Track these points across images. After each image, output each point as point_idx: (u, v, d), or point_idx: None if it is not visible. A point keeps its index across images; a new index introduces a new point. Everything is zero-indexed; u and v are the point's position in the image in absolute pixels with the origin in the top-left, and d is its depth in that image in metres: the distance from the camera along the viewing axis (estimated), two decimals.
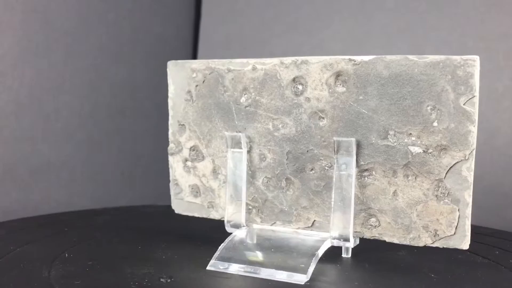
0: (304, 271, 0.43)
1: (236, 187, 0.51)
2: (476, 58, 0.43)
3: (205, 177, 0.54)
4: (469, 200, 0.44)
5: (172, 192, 0.56)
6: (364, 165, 0.47)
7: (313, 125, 0.49)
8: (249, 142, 0.51)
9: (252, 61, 0.51)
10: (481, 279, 0.45)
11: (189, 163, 0.55)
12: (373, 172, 0.47)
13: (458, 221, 0.45)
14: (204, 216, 0.55)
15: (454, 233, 0.45)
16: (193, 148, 0.55)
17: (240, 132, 0.52)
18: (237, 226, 0.52)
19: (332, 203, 0.48)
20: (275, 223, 0.51)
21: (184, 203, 0.55)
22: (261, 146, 0.51)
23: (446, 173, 0.45)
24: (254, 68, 0.50)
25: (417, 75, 0.44)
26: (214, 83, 0.53)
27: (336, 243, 0.48)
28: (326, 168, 0.49)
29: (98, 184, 0.83)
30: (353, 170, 0.47)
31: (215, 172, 0.54)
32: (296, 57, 0.49)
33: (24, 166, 0.73)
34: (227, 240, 0.48)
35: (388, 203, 0.47)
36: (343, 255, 0.50)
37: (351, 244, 0.47)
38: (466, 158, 0.44)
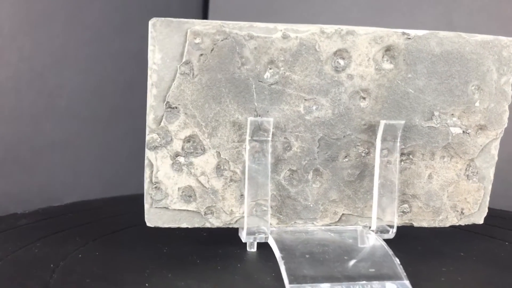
0: (401, 277, 0.40)
1: (257, 184, 0.44)
2: None
3: (204, 176, 0.44)
4: (492, 177, 0.49)
5: (148, 200, 0.44)
6: (404, 148, 0.46)
7: (353, 107, 0.45)
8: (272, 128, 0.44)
9: (281, 26, 0.43)
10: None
11: (181, 159, 0.44)
12: (411, 156, 0.47)
13: (482, 198, 0.49)
14: (197, 225, 0.45)
15: (477, 210, 0.50)
16: (189, 139, 0.43)
17: (259, 115, 0.44)
18: (253, 232, 0.45)
19: (375, 192, 0.46)
20: (295, 222, 0.46)
21: (167, 212, 0.44)
22: (287, 133, 0.44)
23: (478, 152, 0.48)
24: (285, 36, 0.43)
25: (468, 54, 0.45)
26: (227, 53, 0.42)
27: (378, 235, 0.47)
28: (363, 154, 0.46)
29: (105, 164, 0.80)
30: (397, 156, 0.46)
31: (219, 168, 0.44)
32: (340, 26, 0.43)
33: (26, 146, 0.71)
34: (279, 255, 0.41)
35: (422, 187, 0.48)
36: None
37: (392, 235, 0.47)
38: (497, 136, 0.48)
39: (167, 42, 0.42)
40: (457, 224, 0.50)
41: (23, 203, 0.69)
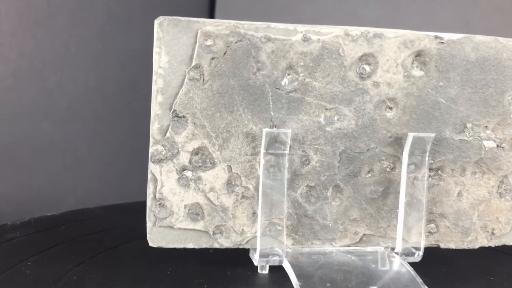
0: None
1: (271, 201, 0.39)
2: None
3: (214, 192, 0.40)
4: None
5: (151, 218, 0.40)
6: (433, 164, 0.42)
7: (379, 117, 0.41)
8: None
9: (302, 28, 0.38)
10: None
11: (188, 173, 0.39)
12: (439, 172, 0.43)
13: None
14: (205, 246, 0.41)
15: (510, 230, 0.46)
16: (197, 151, 0.39)
17: (276, 126, 0.39)
18: (267, 254, 0.40)
19: (401, 211, 0.42)
20: (311, 243, 0.42)
21: (172, 232, 0.40)
22: (306, 145, 0.40)
23: None
24: (306, 39, 0.38)
25: (505, 61, 0.41)
26: (242, 57, 0.38)
27: (402, 258, 0.43)
28: (388, 170, 0.42)
29: (106, 166, 0.77)
30: (426, 171, 0.41)
31: (230, 184, 0.40)
32: (367, 28, 0.39)
33: (25, 146, 0.69)
34: (296, 283, 0.37)
35: (451, 205, 0.44)
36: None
37: (418, 258, 0.43)
38: None
39: (175, 44, 0.37)
40: (487, 246, 0.46)
41: (21, 206, 0.67)
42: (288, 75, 0.39)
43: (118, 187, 0.80)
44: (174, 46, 0.37)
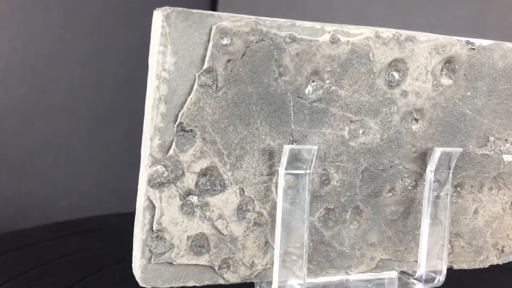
0: None
1: (290, 228, 0.33)
2: None
3: (222, 220, 0.33)
4: None
5: (145, 254, 0.32)
6: (454, 180, 0.38)
7: (405, 130, 0.36)
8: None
9: (329, 27, 0.32)
10: None
11: (194, 199, 0.32)
12: (459, 189, 0.39)
13: None
14: (207, 283, 0.34)
15: None
16: (205, 172, 0.32)
17: (296, 141, 0.33)
18: None
19: (424, 233, 0.37)
20: (326, 272, 0.37)
21: (170, 268, 0.32)
22: (327, 163, 0.34)
23: None
24: (334, 40, 0.32)
25: None
26: (263, 60, 0.31)
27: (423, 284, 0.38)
28: (409, 188, 0.37)
29: (102, 166, 0.74)
30: (449, 189, 0.37)
31: (241, 209, 0.33)
32: (398, 30, 0.34)
33: (16, 145, 0.66)
34: None
35: (467, 224, 0.40)
36: None
37: (439, 283, 0.39)
38: None
39: (184, 42, 0.30)
40: (495, 263, 0.43)
41: (12, 208, 0.63)
42: (313, 82, 0.33)
43: (113, 188, 0.73)
44: (182, 45, 0.30)
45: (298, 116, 0.33)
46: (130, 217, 0.33)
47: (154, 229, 0.32)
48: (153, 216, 0.32)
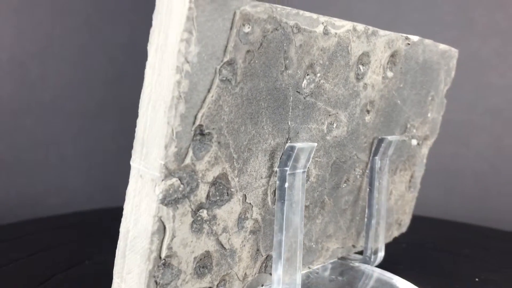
0: None
1: (289, 229, 0.30)
2: (457, 51, 0.45)
3: (226, 233, 0.28)
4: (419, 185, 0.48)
5: (150, 286, 0.25)
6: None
7: (361, 122, 0.36)
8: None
9: (322, 18, 0.30)
10: None
11: (204, 213, 0.27)
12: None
13: (413, 205, 0.48)
14: None
15: (408, 219, 0.48)
16: (215, 181, 0.27)
17: (290, 139, 0.30)
18: None
19: (373, 219, 0.38)
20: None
21: None
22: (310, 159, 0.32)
23: (419, 163, 0.46)
24: (326, 32, 0.30)
25: (434, 64, 0.42)
26: (275, 51, 0.27)
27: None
28: (358, 177, 0.38)
29: (92, 163, 0.70)
30: (387, 174, 0.39)
31: (241, 218, 0.29)
32: (366, 25, 0.33)
33: (5, 144, 0.62)
34: None
35: (385, 205, 0.43)
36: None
37: (381, 259, 0.40)
38: (430, 145, 0.47)
39: (208, 28, 0.25)
40: (394, 236, 0.48)
41: (0, 205, 0.59)
42: (307, 75, 0.31)
43: (105, 187, 0.70)
44: (207, 32, 0.24)
45: (294, 112, 0.30)
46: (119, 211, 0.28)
47: (162, 256, 0.26)
48: (161, 241, 0.26)
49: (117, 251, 0.27)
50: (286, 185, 0.30)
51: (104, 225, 0.53)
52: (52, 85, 0.67)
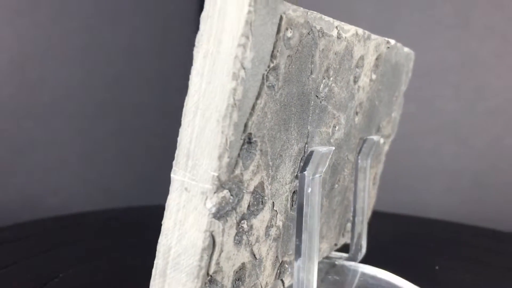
0: None
1: (309, 232, 0.30)
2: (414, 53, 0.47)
3: (258, 243, 0.27)
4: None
5: None
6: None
7: (353, 124, 0.36)
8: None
9: (336, 23, 0.30)
10: None
11: (244, 225, 0.25)
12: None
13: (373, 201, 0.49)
14: None
15: (370, 213, 0.49)
16: (255, 190, 0.25)
17: (307, 144, 0.30)
18: None
19: (358, 217, 0.39)
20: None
21: None
22: None
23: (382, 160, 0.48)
24: (339, 36, 0.30)
25: (401, 66, 0.43)
26: (306, 56, 0.27)
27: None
28: (345, 177, 0.38)
29: (92, 166, 0.70)
30: (368, 175, 0.40)
31: (268, 226, 0.28)
32: (361, 29, 0.34)
33: (5, 145, 0.62)
34: None
35: (368, 202, 0.44)
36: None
37: (363, 255, 0.41)
38: (390, 144, 0.49)
39: (261, 33, 0.23)
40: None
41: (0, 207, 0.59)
42: (323, 79, 0.30)
43: (105, 188, 0.70)
44: (260, 36, 0.23)
45: (313, 116, 0.30)
46: (118, 212, 0.27)
47: (210, 272, 0.24)
48: (210, 256, 0.24)
49: (154, 270, 0.25)
50: (309, 190, 0.30)
51: (104, 226, 0.52)
52: (52, 87, 0.66)
